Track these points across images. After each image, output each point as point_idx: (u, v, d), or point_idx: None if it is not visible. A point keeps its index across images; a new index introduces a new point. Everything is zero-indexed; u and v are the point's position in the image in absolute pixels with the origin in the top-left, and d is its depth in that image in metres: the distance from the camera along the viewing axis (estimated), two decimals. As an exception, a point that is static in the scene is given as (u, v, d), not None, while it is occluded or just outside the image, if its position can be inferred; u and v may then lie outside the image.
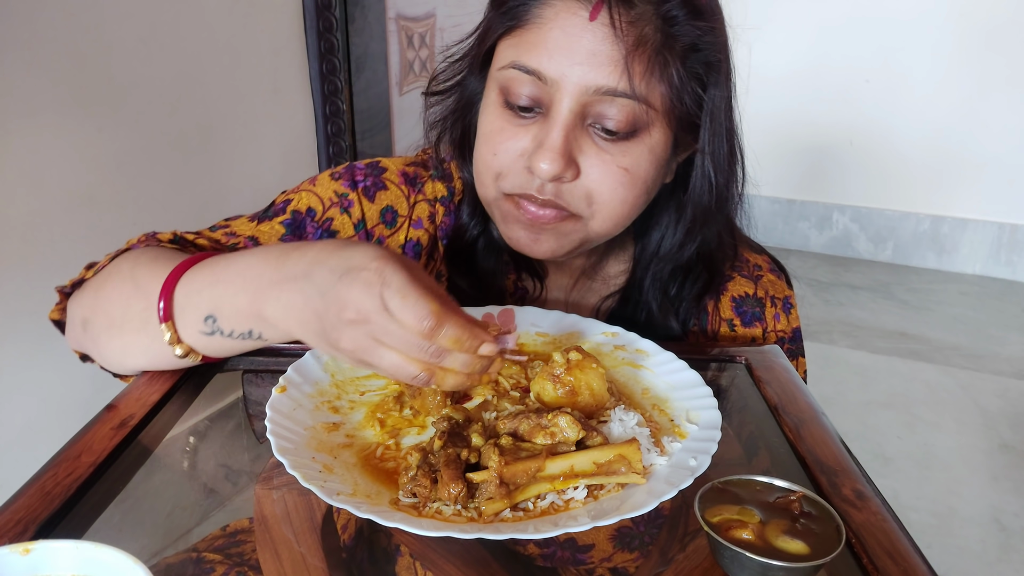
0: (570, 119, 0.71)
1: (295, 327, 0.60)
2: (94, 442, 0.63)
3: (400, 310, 0.54)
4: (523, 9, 0.72)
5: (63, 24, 1.33)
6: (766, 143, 4.17)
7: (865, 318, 3.30)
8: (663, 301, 0.89)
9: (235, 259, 0.65)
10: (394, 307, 0.54)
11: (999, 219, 3.68)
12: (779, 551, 0.49)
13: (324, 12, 1.88)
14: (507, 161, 0.75)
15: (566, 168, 0.72)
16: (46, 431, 1.39)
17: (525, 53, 0.72)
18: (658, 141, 0.74)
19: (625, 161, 0.73)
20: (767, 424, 0.71)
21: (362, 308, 0.54)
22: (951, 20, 3.50)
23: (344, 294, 0.55)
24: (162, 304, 0.65)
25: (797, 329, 0.95)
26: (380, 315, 0.54)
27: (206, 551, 0.55)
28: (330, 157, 2.02)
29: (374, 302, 0.54)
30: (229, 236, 0.83)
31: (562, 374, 0.64)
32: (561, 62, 0.70)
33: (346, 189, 0.86)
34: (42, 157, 1.34)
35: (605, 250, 0.91)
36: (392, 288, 0.54)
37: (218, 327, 0.65)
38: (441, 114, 0.87)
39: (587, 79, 0.69)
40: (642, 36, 0.69)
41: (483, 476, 0.55)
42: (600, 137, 0.73)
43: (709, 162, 0.79)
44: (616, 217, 0.77)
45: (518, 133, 0.74)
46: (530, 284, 0.92)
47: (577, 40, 0.69)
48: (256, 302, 0.61)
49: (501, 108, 0.75)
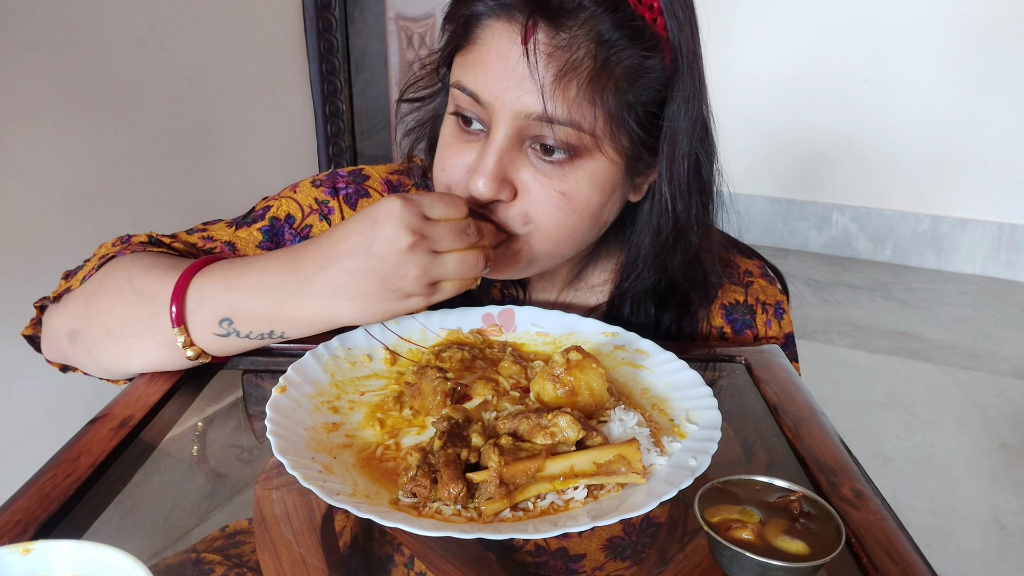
0: (505, 142, 0.70)
1: (343, 308, 0.66)
2: (93, 443, 0.63)
3: (443, 208, 0.65)
4: (465, 29, 0.71)
5: (63, 24, 1.33)
6: (766, 143, 4.20)
7: (864, 318, 3.30)
8: (645, 320, 0.88)
9: (249, 265, 0.70)
10: (436, 211, 0.65)
11: (998, 219, 3.69)
12: (779, 551, 0.49)
13: (324, 12, 1.88)
14: (455, 176, 0.74)
15: (499, 190, 0.70)
16: (46, 431, 1.39)
17: (466, 73, 0.71)
18: (602, 166, 0.72)
19: (563, 186, 0.71)
20: (766, 424, 0.71)
21: (413, 227, 0.63)
22: (950, 20, 3.51)
23: (391, 232, 0.62)
24: (174, 308, 0.69)
25: (790, 335, 0.94)
26: (428, 226, 0.64)
27: (205, 552, 0.55)
28: (330, 157, 2.02)
29: (417, 219, 0.63)
30: (206, 240, 0.83)
31: (562, 374, 0.64)
32: (496, 85, 0.68)
33: (327, 196, 0.87)
34: (41, 157, 1.33)
35: (588, 259, 0.89)
36: (424, 201, 0.64)
37: (234, 329, 0.70)
38: (416, 122, 0.87)
39: (519, 104, 0.68)
40: (571, 62, 0.66)
41: (483, 476, 0.55)
42: (539, 159, 0.71)
43: (667, 188, 0.76)
44: (556, 239, 0.74)
45: (464, 150, 0.73)
46: (515, 292, 0.91)
47: (511, 64, 0.67)
48: (281, 305, 0.67)
49: (453, 123, 0.75)
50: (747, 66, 3.78)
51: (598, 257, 0.90)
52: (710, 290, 0.88)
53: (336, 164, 2.04)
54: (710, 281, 0.87)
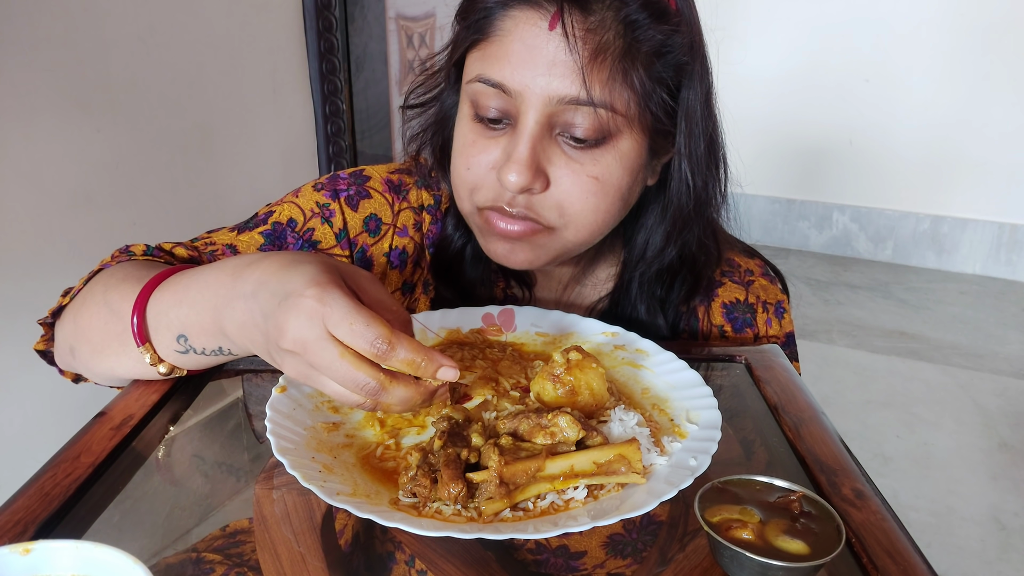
0: (536, 130, 0.70)
1: (248, 344, 0.61)
2: (93, 442, 0.63)
3: (349, 337, 0.52)
4: (485, 22, 0.72)
5: (62, 24, 1.33)
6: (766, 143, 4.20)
7: (864, 317, 3.30)
8: (650, 304, 0.88)
9: (197, 275, 0.65)
10: (342, 335, 0.53)
11: (999, 219, 3.68)
12: (779, 551, 0.49)
13: (324, 12, 1.88)
14: (480, 174, 0.74)
15: (534, 180, 0.71)
16: (46, 431, 1.39)
17: (489, 66, 0.71)
18: (630, 147, 0.73)
19: (595, 170, 0.72)
20: (767, 424, 0.71)
21: (299, 338, 0.53)
22: (950, 20, 3.51)
23: (283, 322, 0.54)
24: (135, 326, 0.66)
25: (790, 334, 0.94)
26: (318, 344, 0.53)
27: (206, 551, 0.55)
28: (330, 157, 2.02)
29: (314, 331, 0.53)
30: (208, 245, 0.83)
31: (562, 374, 0.64)
32: (524, 74, 0.69)
33: (327, 199, 0.86)
34: (41, 157, 1.33)
35: (594, 255, 0.90)
36: (336, 316, 0.52)
37: (190, 345, 0.66)
38: (420, 127, 0.87)
39: (550, 89, 0.69)
40: (602, 43, 0.68)
41: (483, 476, 0.55)
42: (569, 146, 0.72)
43: (686, 164, 0.78)
44: (590, 226, 0.76)
45: (489, 146, 0.74)
46: (519, 291, 0.91)
47: (538, 51, 0.68)
48: (217, 319, 0.62)
49: (472, 121, 0.75)
50: (747, 65, 3.77)
51: (602, 253, 0.90)
52: (717, 260, 0.92)
53: (336, 163, 2.04)
54: (721, 251, 0.91)
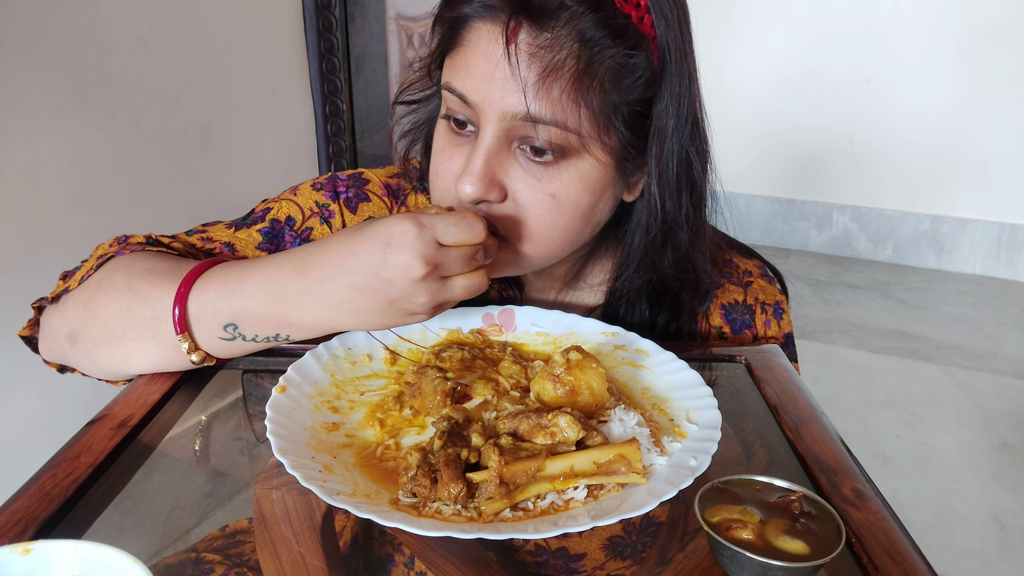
0: (493, 143, 0.70)
1: (347, 319, 0.67)
2: (93, 442, 0.63)
3: (457, 233, 0.64)
4: (452, 31, 0.72)
5: (62, 24, 1.33)
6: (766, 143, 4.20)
7: (864, 317, 3.30)
8: (640, 320, 0.88)
9: (250, 269, 0.69)
10: (450, 237, 0.64)
11: (999, 219, 3.68)
12: (779, 551, 0.49)
13: (324, 12, 1.88)
14: (446, 182, 0.74)
15: (487, 191, 0.70)
16: (46, 431, 1.39)
17: (455, 75, 0.71)
18: (591, 166, 0.71)
19: (552, 187, 0.71)
20: (767, 424, 0.71)
21: (427, 256, 0.62)
22: (951, 20, 3.50)
23: (404, 259, 0.62)
24: (177, 312, 0.69)
25: (789, 335, 0.94)
26: (441, 253, 0.63)
27: (205, 551, 0.55)
28: (330, 156, 2.02)
29: (431, 248, 0.63)
30: (205, 241, 0.83)
31: (562, 374, 0.64)
32: (482, 87, 0.69)
33: (327, 200, 0.86)
34: (41, 157, 1.33)
35: (587, 258, 0.89)
36: (438, 226, 0.63)
37: (240, 333, 0.70)
38: (412, 125, 0.87)
39: (505, 104, 0.68)
40: (557, 61, 0.66)
41: (483, 476, 0.55)
42: (527, 160, 0.71)
43: (655, 187, 0.76)
44: (548, 242, 0.74)
45: (455, 154, 0.73)
46: (513, 292, 0.91)
47: (496, 65, 0.68)
48: (286, 311, 0.67)
49: (444, 127, 0.75)
50: (747, 66, 3.77)
51: (597, 256, 0.90)
52: (702, 290, 0.87)
53: (336, 163, 2.04)
54: (702, 281, 0.85)
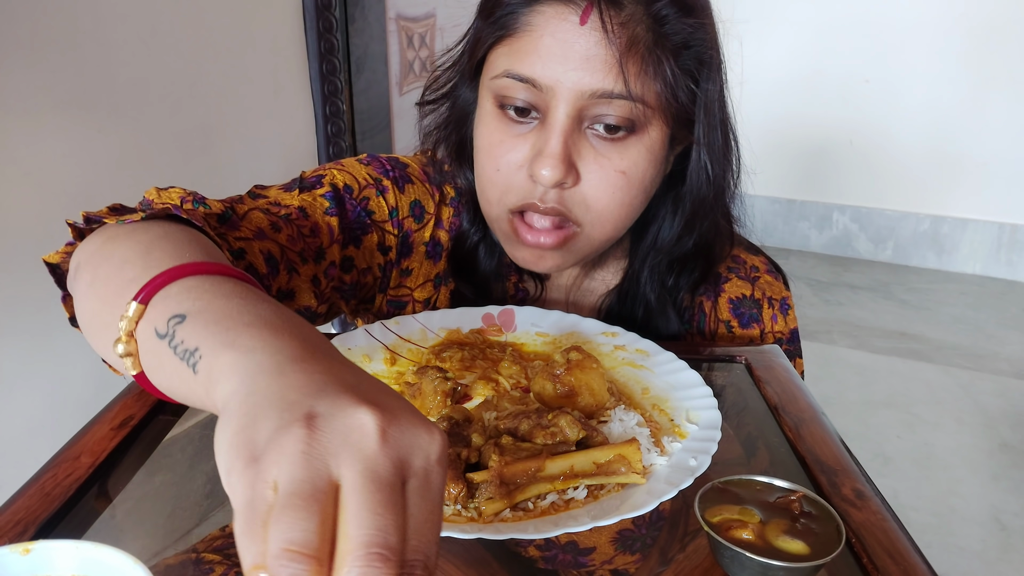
0: (567, 124, 0.71)
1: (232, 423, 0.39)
2: (94, 442, 0.63)
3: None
4: (512, 18, 0.72)
5: (63, 24, 1.33)
6: (766, 143, 4.20)
7: (865, 318, 3.30)
8: (661, 293, 0.89)
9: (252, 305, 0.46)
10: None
11: (999, 219, 3.68)
12: (779, 551, 0.49)
13: (324, 12, 1.88)
14: (509, 174, 0.75)
15: (567, 173, 0.72)
16: (46, 431, 1.39)
17: (518, 61, 0.72)
18: (655, 139, 0.75)
19: (623, 164, 0.74)
20: (767, 424, 0.71)
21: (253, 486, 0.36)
22: (951, 20, 3.50)
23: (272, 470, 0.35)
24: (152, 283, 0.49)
25: (795, 330, 0.95)
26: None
27: (206, 551, 0.55)
28: (330, 157, 2.02)
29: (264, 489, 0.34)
30: (273, 206, 0.77)
31: (562, 374, 0.64)
32: (555, 68, 0.70)
33: (379, 175, 0.86)
34: (42, 157, 1.34)
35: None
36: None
37: (174, 330, 0.46)
38: (435, 123, 0.87)
39: (582, 83, 0.70)
40: (634, 36, 0.69)
41: (483, 476, 0.55)
42: (598, 139, 0.73)
43: (705, 154, 0.79)
44: (615, 220, 0.77)
45: (517, 144, 0.74)
46: (531, 285, 0.92)
47: (569, 45, 0.69)
48: (228, 358, 0.41)
49: (497, 119, 0.75)
50: (747, 66, 3.76)
51: (611, 246, 0.90)
52: (714, 257, 0.92)
53: (337, 164, 2.04)
54: (732, 233, 0.93)
